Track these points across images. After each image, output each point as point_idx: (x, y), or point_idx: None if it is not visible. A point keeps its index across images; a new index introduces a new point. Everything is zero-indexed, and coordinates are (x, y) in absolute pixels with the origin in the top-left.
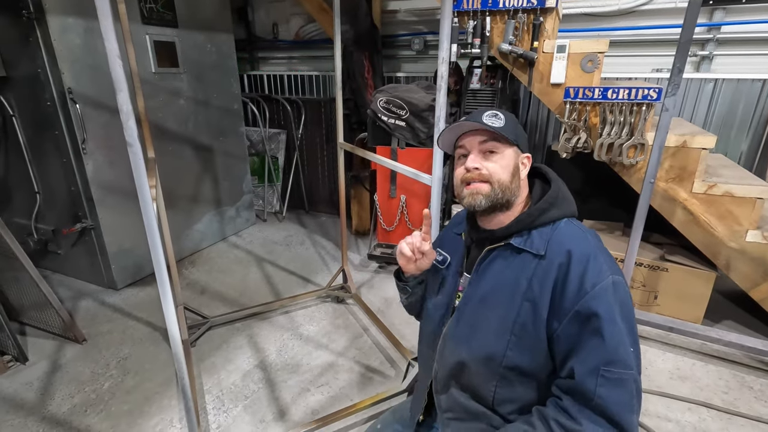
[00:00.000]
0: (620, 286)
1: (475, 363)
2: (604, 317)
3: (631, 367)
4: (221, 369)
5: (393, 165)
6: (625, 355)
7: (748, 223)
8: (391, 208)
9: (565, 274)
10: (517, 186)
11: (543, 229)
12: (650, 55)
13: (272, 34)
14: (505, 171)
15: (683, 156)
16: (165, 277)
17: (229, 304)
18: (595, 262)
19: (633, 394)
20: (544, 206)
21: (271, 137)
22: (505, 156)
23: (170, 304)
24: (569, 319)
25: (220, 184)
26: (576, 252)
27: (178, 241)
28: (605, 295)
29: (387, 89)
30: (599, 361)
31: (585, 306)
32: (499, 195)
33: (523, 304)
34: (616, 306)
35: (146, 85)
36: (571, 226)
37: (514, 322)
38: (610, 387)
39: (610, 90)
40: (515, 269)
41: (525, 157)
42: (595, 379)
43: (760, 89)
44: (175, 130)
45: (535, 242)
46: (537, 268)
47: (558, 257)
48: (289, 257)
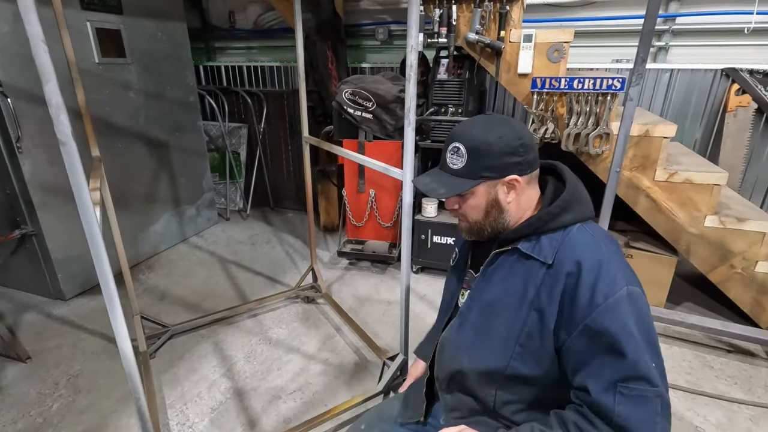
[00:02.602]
0: (636, 297)
1: (474, 373)
2: (619, 332)
3: (655, 383)
4: (184, 380)
5: (361, 159)
6: (645, 371)
7: (707, 208)
8: (360, 203)
9: (575, 285)
10: (498, 218)
11: (553, 235)
12: (611, 45)
13: (229, 23)
14: (475, 211)
15: (646, 145)
16: (112, 287)
17: (191, 309)
18: (608, 270)
19: (657, 412)
20: (555, 211)
21: (232, 132)
22: (475, 195)
23: (119, 317)
24: (579, 332)
25: (177, 182)
26: (586, 261)
27: (133, 244)
28: (619, 308)
29: (352, 80)
30: (616, 377)
31: (596, 321)
32: (479, 230)
33: (531, 313)
34: (632, 318)
35: (89, 77)
36: (584, 234)
37: (521, 331)
38: (630, 405)
39: (576, 80)
40: (523, 276)
41: (509, 181)
42: (612, 396)
43: (712, 79)
44: (126, 126)
45: (544, 249)
46: (545, 276)
47: (567, 266)
48: (255, 257)
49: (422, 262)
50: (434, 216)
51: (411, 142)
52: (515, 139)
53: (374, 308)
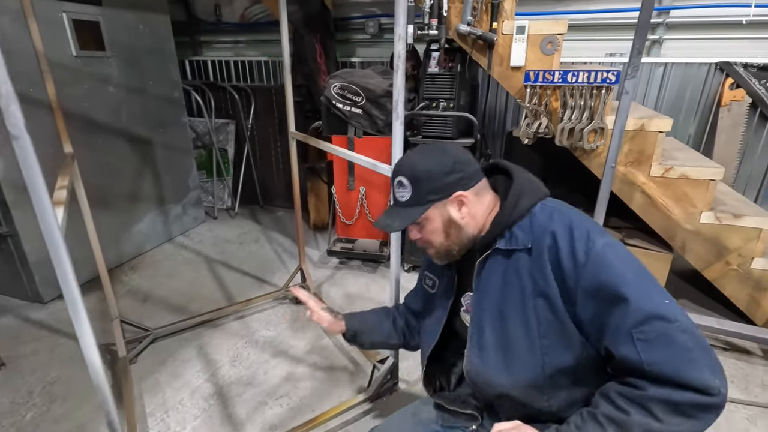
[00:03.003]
0: (615, 245)
1: (518, 389)
2: (612, 279)
3: (670, 318)
4: (166, 387)
5: (349, 155)
6: (655, 308)
7: (702, 204)
8: (350, 201)
9: (557, 255)
10: (459, 235)
11: (521, 223)
12: (604, 39)
13: (215, 16)
14: (435, 235)
15: (641, 140)
16: (75, 293)
17: (176, 312)
18: (579, 230)
19: (690, 347)
20: (513, 200)
21: (219, 128)
22: (429, 220)
23: (84, 326)
24: (581, 299)
25: (162, 180)
26: (558, 229)
27: (116, 244)
28: (604, 258)
29: (341, 74)
30: (628, 325)
31: (588, 279)
32: (447, 252)
33: (537, 300)
34: (620, 264)
35: (66, 71)
36: (546, 208)
37: (537, 323)
38: (655, 348)
39: (570, 73)
40: (514, 271)
41: (456, 197)
42: (632, 346)
43: (706, 73)
44: (106, 122)
45: (519, 238)
46: (531, 261)
47: (544, 242)
48: (243, 256)
49: (414, 260)
50: None
51: (400, 137)
52: (449, 159)
53: (365, 308)
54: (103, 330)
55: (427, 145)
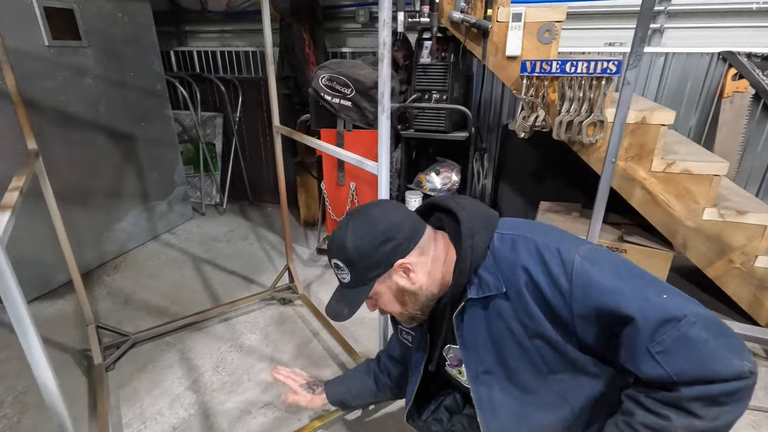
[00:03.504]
0: (592, 253)
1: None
2: (607, 301)
3: (678, 315)
4: (145, 395)
5: (335, 152)
6: (661, 313)
7: (705, 201)
8: (340, 197)
9: (538, 290)
10: (417, 300)
11: (485, 264)
12: (603, 28)
13: (200, 5)
14: (391, 305)
15: (642, 133)
16: (20, 307)
17: (158, 314)
18: (550, 253)
19: (705, 338)
20: (467, 244)
21: (206, 122)
22: (379, 294)
23: (34, 345)
24: (580, 327)
25: (146, 176)
26: (528, 261)
27: (97, 243)
28: (587, 277)
29: (330, 65)
30: (642, 344)
31: (580, 307)
32: (411, 318)
33: (534, 342)
34: (607, 277)
35: (37, 62)
36: (505, 238)
37: (545, 362)
38: (676, 355)
39: (568, 63)
40: (497, 319)
41: (400, 267)
42: (654, 362)
43: (708, 63)
44: (84, 116)
45: (490, 283)
46: (512, 304)
47: (519, 280)
48: (231, 255)
49: None
50: None
51: (386, 132)
52: (377, 229)
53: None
54: (81, 335)
55: (354, 215)
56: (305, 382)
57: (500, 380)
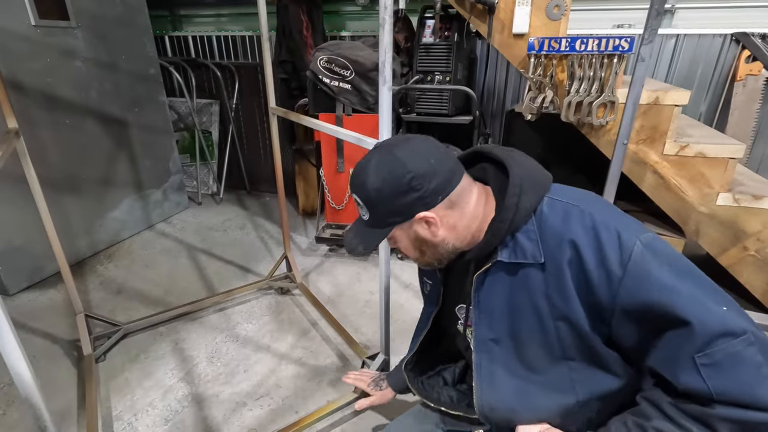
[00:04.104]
0: (655, 243)
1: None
2: (663, 299)
3: (736, 331)
4: (136, 387)
5: (334, 130)
6: (718, 324)
7: (719, 185)
8: (339, 184)
9: (582, 270)
10: (437, 250)
11: (526, 227)
12: (612, 8)
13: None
14: (409, 252)
15: (655, 114)
16: None
17: (151, 304)
18: (608, 233)
19: (759, 362)
20: (513, 201)
21: (202, 109)
22: (397, 239)
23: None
24: (618, 320)
25: (140, 164)
26: (579, 236)
27: (89, 232)
28: (645, 269)
29: (328, 47)
30: (689, 352)
31: (627, 298)
32: (430, 264)
33: (557, 324)
34: (666, 269)
35: (24, 42)
36: (556, 204)
37: (562, 348)
38: (723, 372)
39: (578, 41)
40: (523, 289)
41: (419, 220)
42: (695, 374)
43: (720, 45)
44: (74, 100)
45: (527, 249)
46: (546, 278)
47: (563, 255)
48: (227, 244)
49: None
50: None
51: (388, 107)
52: (403, 176)
53: (355, 299)
54: (72, 325)
55: (381, 150)
56: (371, 380)
57: (506, 352)
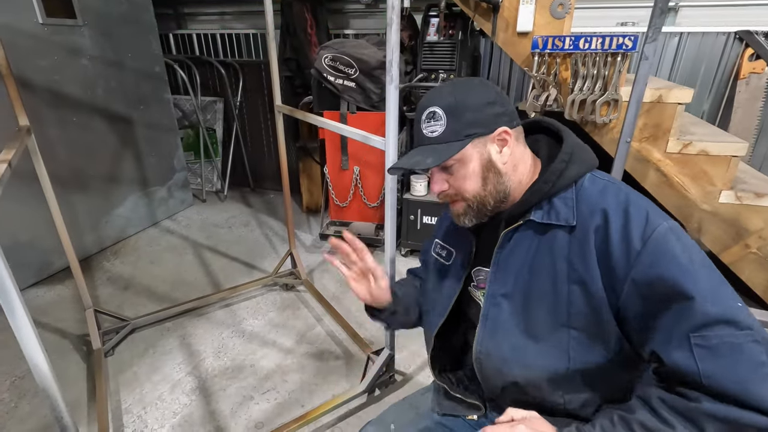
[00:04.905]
0: (678, 231)
1: (532, 382)
2: (673, 274)
3: (741, 323)
4: (145, 381)
5: (339, 128)
6: (724, 311)
7: (722, 183)
8: (343, 182)
9: (606, 237)
10: (497, 184)
11: (565, 194)
12: (615, 6)
13: None
14: (471, 180)
15: (658, 112)
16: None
17: (158, 300)
18: (637, 210)
19: (763, 361)
20: (560, 167)
21: (206, 107)
22: (465, 161)
23: (22, 323)
24: (628, 291)
25: (145, 161)
26: (612, 207)
27: (95, 228)
28: (665, 246)
29: (333, 45)
30: (685, 328)
31: (641, 270)
32: (480, 206)
33: (571, 288)
34: (684, 254)
35: (30, 40)
36: (597, 181)
37: (569, 314)
38: (717, 358)
39: (582, 39)
40: (547, 251)
41: (499, 134)
42: (688, 352)
43: (724, 43)
44: (80, 97)
45: (561, 212)
46: (571, 241)
47: (592, 221)
48: (232, 241)
49: (411, 244)
50: (424, 195)
51: (394, 104)
52: (489, 90)
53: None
54: (80, 320)
55: (458, 79)
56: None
57: (514, 310)
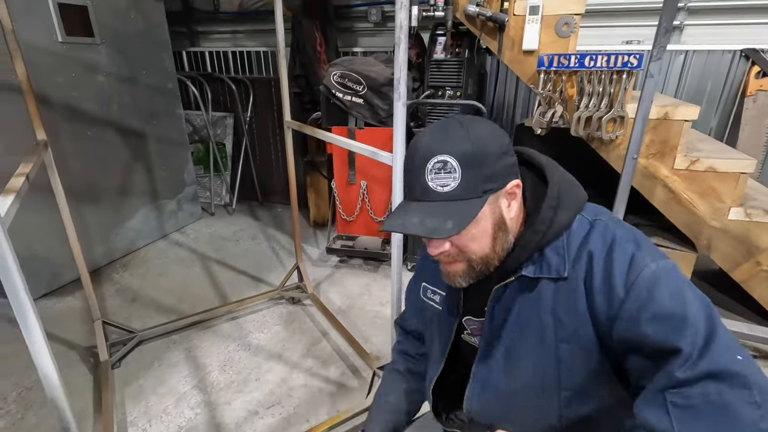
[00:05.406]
0: (668, 272)
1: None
2: (658, 326)
3: (736, 380)
4: (150, 393)
5: (347, 143)
6: (714, 365)
7: (731, 200)
8: (350, 196)
9: (591, 285)
10: (504, 242)
11: (556, 243)
12: (620, 25)
13: (213, 6)
14: (480, 242)
15: (665, 129)
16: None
17: (165, 312)
18: (622, 253)
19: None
20: (548, 215)
21: (217, 122)
22: (477, 220)
23: (36, 336)
24: (616, 344)
25: (156, 175)
26: (597, 249)
27: (106, 240)
28: (649, 295)
29: (341, 62)
30: (662, 381)
31: (625, 324)
32: (484, 268)
33: (559, 347)
34: (673, 300)
35: (50, 57)
36: (584, 221)
37: (558, 372)
38: (697, 419)
39: (587, 57)
40: (532, 304)
41: (511, 188)
42: (662, 411)
43: (730, 61)
44: (95, 112)
45: (552, 263)
46: (559, 293)
47: (580, 268)
48: (239, 254)
49: (417, 259)
50: None
51: (402, 121)
52: (502, 136)
53: (365, 310)
54: (89, 331)
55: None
56: None
57: (504, 366)
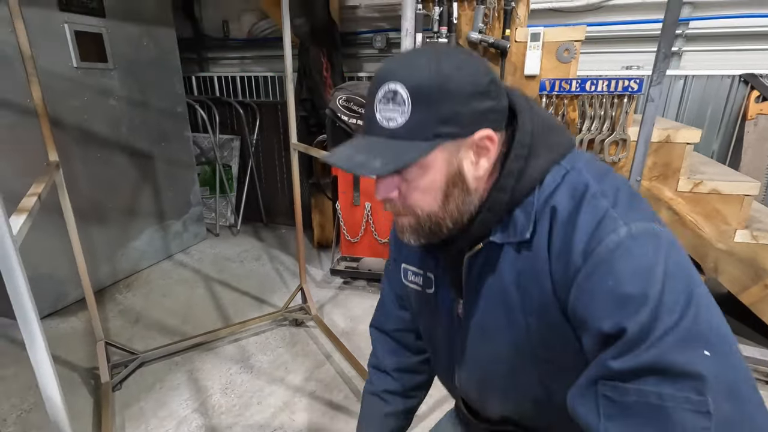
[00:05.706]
0: (644, 240)
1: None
2: (609, 303)
3: (686, 380)
4: (151, 416)
5: None
6: (662, 357)
7: (737, 222)
8: (355, 218)
9: (552, 249)
10: (462, 203)
11: (527, 200)
12: (620, 51)
13: (222, 33)
14: (430, 195)
15: (667, 152)
16: (30, 316)
17: (168, 333)
18: (591, 210)
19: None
20: (515, 166)
21: (223, 144)
22: (426, 169)
23: (42, 357)
24: (573, 322)
25: (163, 196)
26: (561, 203)
27: (111, 260)
28: (607, 267)
29: (347, 86)
30: (597, 370)
31: (575, 297)
32: (434, 228)
33: (528, 321)
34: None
35: (65, 82)
36: (559, 172)
37: (534, 348)
38: (626, 417)
39: (588, 82)
40: (498, 275)
41: (480, 139)
42: (592, 405)
43: (729, 86)
44: (106, 134)
45: (518, 226)
46: (520, 260)
47: (544, 233)
48: (243, 275)
49: (390, 239)
50: None
51: None
52: (483, 73)
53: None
54: (91, 352)
55: (443, 47)
56: None
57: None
